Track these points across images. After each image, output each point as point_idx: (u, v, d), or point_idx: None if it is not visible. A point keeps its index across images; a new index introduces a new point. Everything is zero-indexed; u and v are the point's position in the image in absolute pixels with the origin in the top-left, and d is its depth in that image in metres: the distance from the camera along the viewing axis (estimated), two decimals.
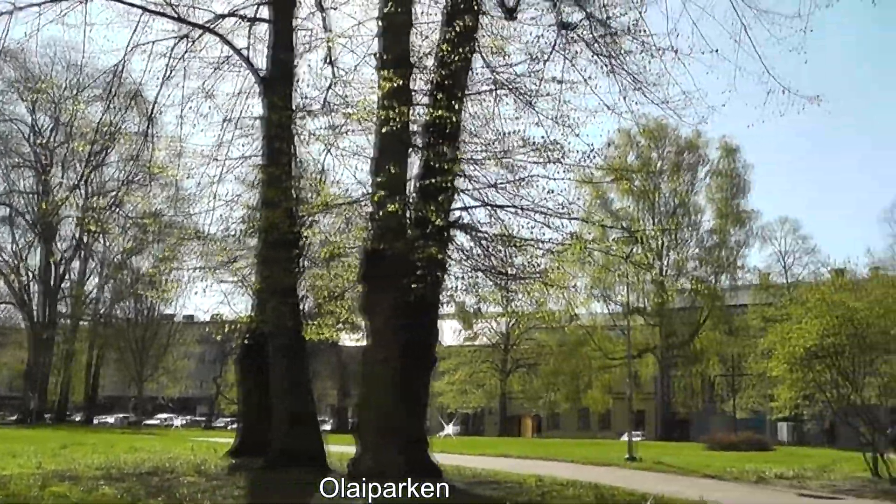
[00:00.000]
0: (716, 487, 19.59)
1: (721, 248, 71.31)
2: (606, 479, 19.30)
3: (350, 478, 15.91)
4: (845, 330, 21.44)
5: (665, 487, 17.96)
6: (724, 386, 76.00)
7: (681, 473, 24.01)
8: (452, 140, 16.42)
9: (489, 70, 17.74)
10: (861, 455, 23.25)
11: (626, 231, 26.41)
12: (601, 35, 17.45)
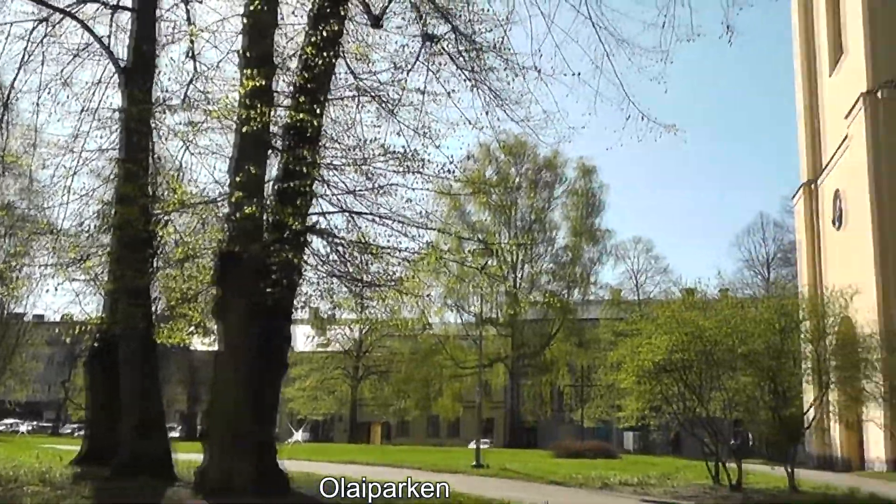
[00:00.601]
0: (561, 493, 19.99)
1: (574, 263, 73.13)
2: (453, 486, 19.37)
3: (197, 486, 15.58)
4: (694, 346, 22.24)
5: (511, 493, 18.18)
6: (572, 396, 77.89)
7: (527, 480, 24.38)
8: (313, 144, 16.20)
9: (353, 76, 17.62)
10: (703, 464, 24.15)
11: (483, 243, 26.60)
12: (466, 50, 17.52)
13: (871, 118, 37.22)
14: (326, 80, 16.71)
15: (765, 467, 26.35)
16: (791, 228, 69.05)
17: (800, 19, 51.14)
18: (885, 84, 37.02)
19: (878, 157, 36.72)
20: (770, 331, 22.34)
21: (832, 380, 23.35)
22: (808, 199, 48.72)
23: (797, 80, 51.54)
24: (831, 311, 23.54)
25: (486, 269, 18.87)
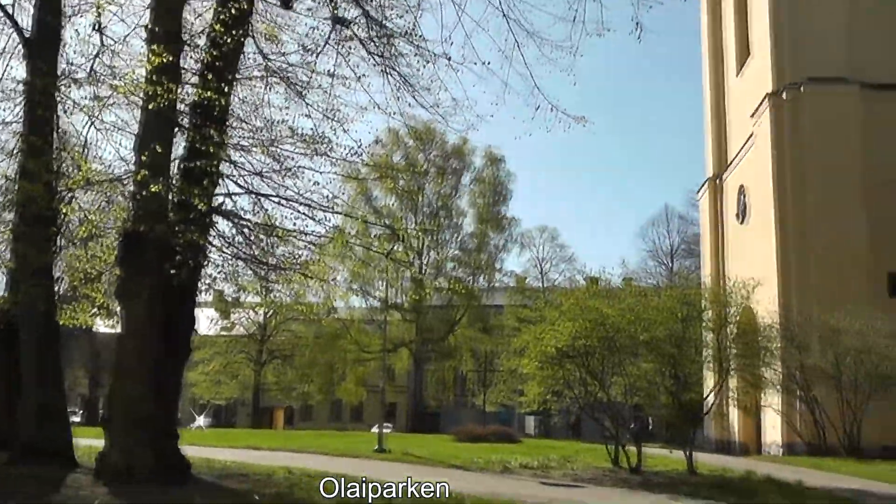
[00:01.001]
0: (461, 477, 20.03)
1: (480, 250, 73.35)
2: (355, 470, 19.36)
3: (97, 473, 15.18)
4: (597, 333, 22.59)
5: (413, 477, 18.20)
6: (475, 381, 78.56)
7: (428, 464, 24.39)
8: (220, 124, 15.88)
9: (262, 56, 17.29)
10: (604, 447, 24.60)
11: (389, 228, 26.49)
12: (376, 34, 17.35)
13: (776, 118, 38.43)
14: (235, 59, 16.40)
15: (664, 451, 26.94)
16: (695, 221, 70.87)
17: (708, 20, 52.47)
18: (790, 86, 38.24)
19: (782, 156, 37.93)
20: (672, 319, 22.83)
21: (732, 367, 24.03)
22: (713, 193, 50.10)
23: (705, 78, 52.91)
24: (733, 301, 24.20)
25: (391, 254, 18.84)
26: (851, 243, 36.13)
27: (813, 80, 37.78)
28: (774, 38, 39.80)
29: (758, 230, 40.56)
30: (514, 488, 17.54)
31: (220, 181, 16.15)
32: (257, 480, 16.82)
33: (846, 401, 31.78)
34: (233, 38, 15.18)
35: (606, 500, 16.22)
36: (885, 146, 37.29)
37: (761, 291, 25.84)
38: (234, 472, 18.25)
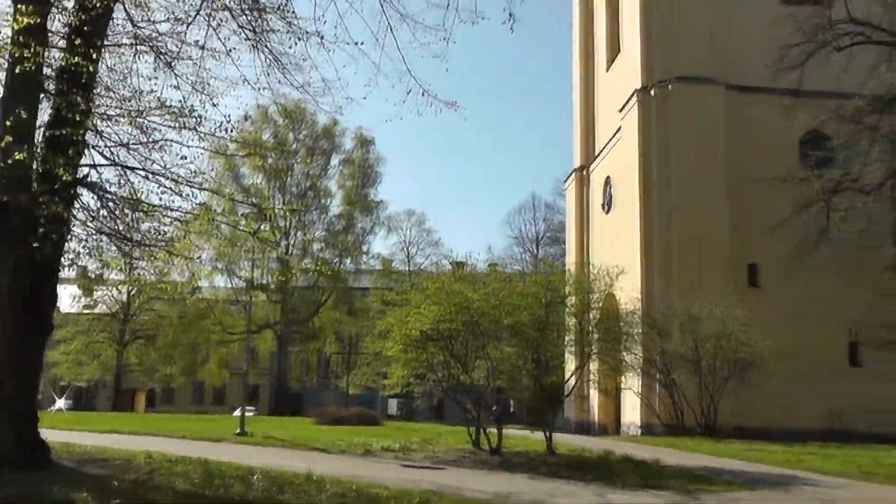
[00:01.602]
0: (323, 460, 20.03)
1: (347, 232, 73.11)
2: (217, 454, 19.14)
3: None
4: (461, 317, 22.81)
5: (274, 461, 18.09)
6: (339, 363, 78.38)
7: (290, 447, 24.26)
8: (87, 91, 15.26)
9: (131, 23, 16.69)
10: (465, 429, 24.95)
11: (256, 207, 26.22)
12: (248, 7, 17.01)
13: (643, 113, 39.68)
14: (103, 24, 15.80)
15: (525, 432, 27.52)
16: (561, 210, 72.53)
17: (580, 15, 53.77)
18: (658, 84, 39.46)
19: (648, 150, 39.19)
20: (536, 304, 23.25)
21: (594, 351, 24.67)
22: (580, 183, 51.36)
23: (575, 71, 54.20)
24: (596, 288, 24.81)
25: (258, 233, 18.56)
26: (713, 235, 37.63)
27: (680, 78, 39.14)
28: (644, 36, 41.09)
29: (622, 220, 41.81)
30: (375, 471, 17.60)
31: (85, 151, 15.64)
32: (118, 466, 16.44)
33: (704, 384, 33.25)
34: (101, 2, 14.69)
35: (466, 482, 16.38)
36: (747, 144, 38.89)
37: (624, 279, 26.61)
38: (95, 458, 17.76)
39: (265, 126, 68.85)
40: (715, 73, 39.42)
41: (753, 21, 39.52)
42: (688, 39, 39.78)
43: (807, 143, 39.24)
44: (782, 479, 18.69)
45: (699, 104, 39.02)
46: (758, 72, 37.00)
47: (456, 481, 16.34)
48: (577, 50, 53.92)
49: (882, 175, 35.20)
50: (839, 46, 35.36)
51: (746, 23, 40.26)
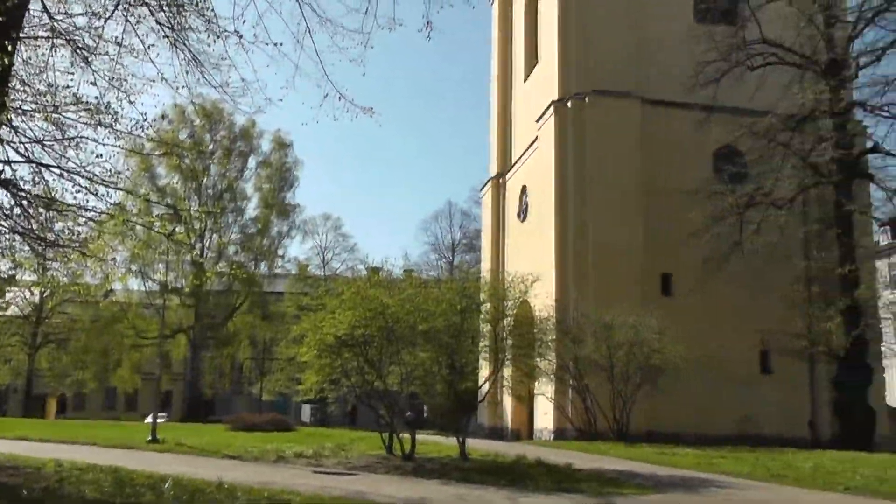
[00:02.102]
0: (235, 467, 19.79)
1: (263, 236, 72.65)
2: (128, 462, 18.80)
3: None
4: (376, 323, 22.77)
5: (185, 469, 17.84)
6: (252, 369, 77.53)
7: (202, 455, 23.91)
8: (2, 85, 14.96)
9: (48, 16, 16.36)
10: (378, 435, 24.89)
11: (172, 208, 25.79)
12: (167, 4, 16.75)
13: (559, 124, 40.07)
14: (20, 15, 15.46)
15: (438, 438, 27.54)
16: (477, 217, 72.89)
17: (499, 26, 54.22)
18: (575, 95, 39.95)
19: (564, 160, 39.61)
20: (451, 311, 23.31)
21: (508, 357, 24.81)
22: (496, 191, 51.75)
23: (493, 81, 54.60)
24: (511, 295, 24.97)
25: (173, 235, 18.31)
26: (628, 245, 38.18)
27: (597, 91, 39.60)
28: (562, 48, 41.54)
29: (538, 229, 42.22)
30: (287, 478, 17.47)
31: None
32: (28, 474, 16.12)
33: (617, 390, 33.75)
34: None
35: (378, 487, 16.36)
36: (661, 158, 39.49)
37: (539, 287, 26.83)
38: (4, 465, 17.38)
39: (182, 126, 68.11)
40: (631, 86, 40.02)
41: (669, 37, 40.24)
42: (605, 53, 40.36)
43: (721, 157, 40.00)
44: (694, 482, 19.00)
45: (615, 117, 39.55)
46: (673, 87, 37.77)
47: (368, 487, 16.30)
48: (496, 59, 54.37)
49: (794, 190, 36.22)
50: (753, 66, 36.42)
51: (662, 39, 40.94)
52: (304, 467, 20.73)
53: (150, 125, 15.87)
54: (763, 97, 35.40)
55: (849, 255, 34.49)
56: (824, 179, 36.01)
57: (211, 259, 68.41)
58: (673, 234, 37.31)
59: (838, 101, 34.62)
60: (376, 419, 25.34)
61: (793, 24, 36.03)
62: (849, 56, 35.67)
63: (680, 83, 36.34)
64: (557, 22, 41.89)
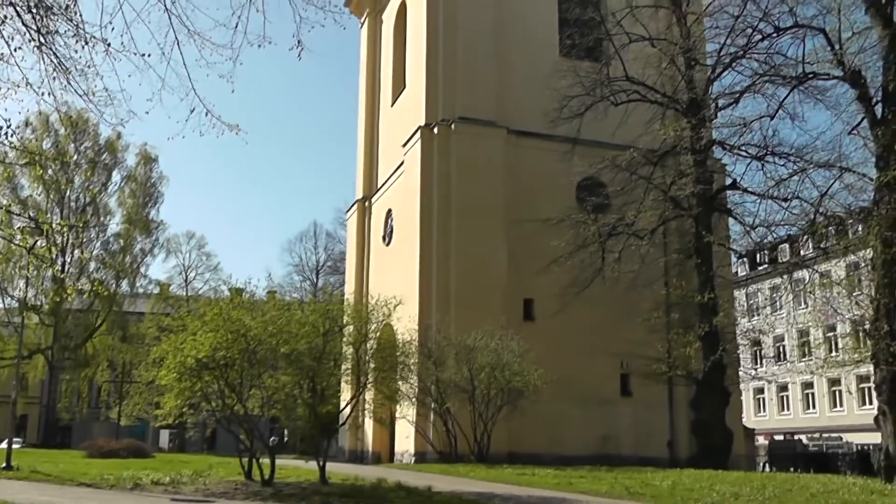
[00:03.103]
0: (91, 495, 19.29)
1: (125, 253, 70.54)
2: None
3: None
4: (238, 345, 22.47)
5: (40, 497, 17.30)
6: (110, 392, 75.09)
7: (58, 482, 23.13)
8: None
9: None
10: (238, 460, 24.52)
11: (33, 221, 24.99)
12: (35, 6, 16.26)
13: (425, 150, 40.43)
14: None
15: (299, 462, 27.31)
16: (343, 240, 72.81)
17: (368, 50, 54.61)
18: (441, 122, 40.45)
19: (429, 185, 39.95)
20: (314, 333, 23.22)
21: (370, 381, 24.85)
22: (362, 214, 51.82)
23: (361, 104, 54.88)
24: (374, 318, 25.04)
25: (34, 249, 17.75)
26: (491, 270, 38.70)
27: (463, 119, 40.22)
28: (428, 75, 42.00)
29: (402, 252, 42.48)
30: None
31: None
32: None
33: (478, 413, 34.09)
34: None
35: None
36: (525, 186, 40.26)
37: (402, 310, 26.97)
38: None
39: (46, 134, 66.01)
40: (497, 116, 40.83)
41: (535, 70, 41.21)
42: (471, 82, 41.08)
43: (584, 188, 41.01)
44: (552, 502, 19.45)
45: (480, 145, 40.24)
46: (539, 119, 38.72)
47: None
48: (364, 83, 54.70)
49: (655, 222, 37.40)
50: (616, 102, 37.65)
51: (528, 71, 41.92)
52: (162, 495, 20.25)
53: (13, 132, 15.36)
54: (626, 132, 36.67)
55: (707, 284, 35.78)
56: (685, 212, 37.34)
57: (72, 275, 66.15)
58: (536, 261, 37.96)
59: (698, 138, 35.91)
60: (236, 444, 25.00)
61: (655, 64, 37.48)
62: (708, 97, 37.15)
63: (545, 115, 37.33)
64: (425, 49, 42.39)
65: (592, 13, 40.67)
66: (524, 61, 42.44)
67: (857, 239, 29.83)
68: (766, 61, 32.61)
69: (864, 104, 26.61)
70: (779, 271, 40.02)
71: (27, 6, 15.99)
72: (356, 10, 55.84)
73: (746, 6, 32.62)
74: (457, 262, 38.72)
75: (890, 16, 26.37)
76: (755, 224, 35.49)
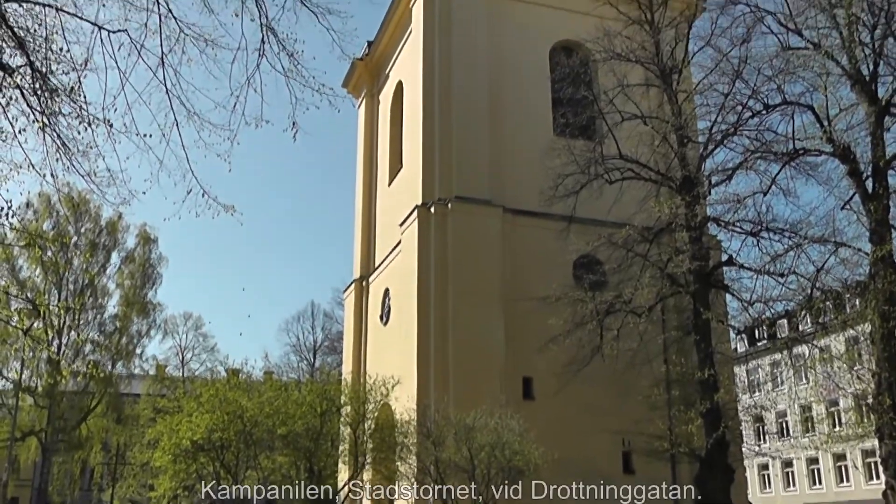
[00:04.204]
0: None
1: (122, 334, 70.20)
2: None
3: None
4: (234, 426, 22.42)
5: None
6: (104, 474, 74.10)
7: None
8: None
9: None
10: None
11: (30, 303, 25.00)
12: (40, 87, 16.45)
13: (422, 229, 40.56)
14: None
15: None
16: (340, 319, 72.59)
17: (365, 130, 55.32)
18: (438, 201, 40.67)
19: (426, 264, 39.98)
20: (311, 414, 23.19)
21: (368, 461, 24.64)
22: (359, 294, 51.77)
23: (358, 183, 55.34)
24: (372, 398, 24.98)
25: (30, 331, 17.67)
26: (489, 349, 38.47)
27: (459, 198, 40.40)
28: (424, 155, 42.36)
29: (399, 332, 42.29)
30: None
31: None
32: None
33: (478, 492, 33.60)
34: None
35: None
36: (522, 264, 40.27)
37: (400, 390, 26.89)
38: None
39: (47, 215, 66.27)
40: (493, 195, 41.06)
41: (530, 149, 41.63)
42: (467, 161, 41.41)
43: (581, 265, 40.92)
44: None
45: (477, 224, 40.35)
46: (534, 197, 38.89)
47: None
48: (361, 162, 55.24)
49: (652, 299, 37.26)
50: (611, 180, 37.82)
51: (523, 150, 42.37)
52: None
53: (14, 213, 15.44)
54: (621, 209, 36.81)
55: (707, 360, 35.51)
56: (682, 289, 37.22)
57: (68, 357, 65.77)
58: (534, 339, 37.78)
59: (693, 215, 35.94)
60: None
61: (648, 142, 37.78)
62: (702, 174, 37.30)
63: (540, 193, 37.49)
64: (421, 129, 42.86)
65: (585, 92, 41.05)
66: (519, 140, 42.91)
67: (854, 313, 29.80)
68: (756, 138, 32.96)
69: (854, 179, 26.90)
70: (778, 347, 39.74)
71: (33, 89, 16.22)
72: (354, 91, 56.69)
73: (735, 84, 33.06)
74: (455, 341, 38.52)
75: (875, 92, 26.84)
76: (752, 300, 35.32)
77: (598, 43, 38.79)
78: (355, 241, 54.19)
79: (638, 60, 38.28)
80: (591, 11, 40.56)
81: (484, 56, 43.86)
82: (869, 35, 27.64)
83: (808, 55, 29.25)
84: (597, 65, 41.27)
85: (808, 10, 29.05)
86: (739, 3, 32.68)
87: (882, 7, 27.24)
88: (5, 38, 15.82)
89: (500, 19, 45.13)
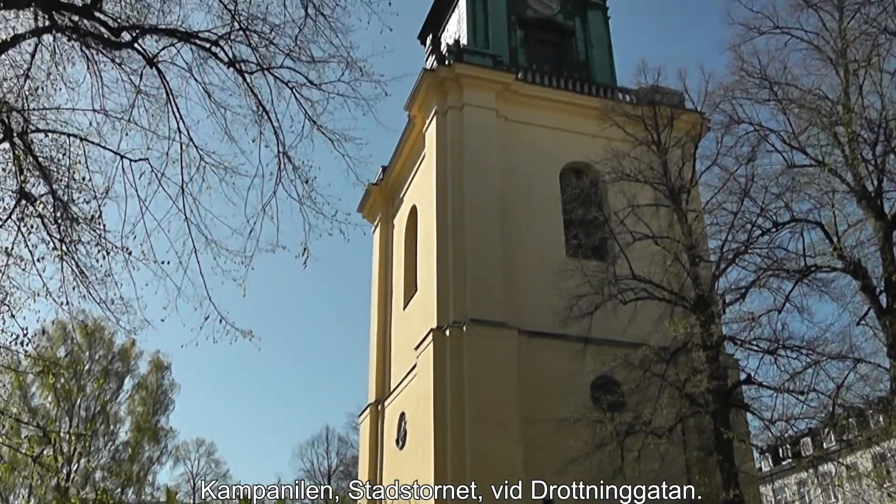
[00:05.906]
0: None
1: (133, 461, 69.55)
2: None
3: None
4: None
5: None
6: None
7: None
8: None
9: None
10: None
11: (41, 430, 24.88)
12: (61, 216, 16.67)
13: (438, 352, 40.38)
14: None
15: None
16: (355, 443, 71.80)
17: (380, 254, 55.81)
18: (453, 324, 40.68)
19: (442, 388, 39.67)
20: None
21: None
22: (374, 418, 51.35)
23: (373, 308, 55.49)
24: None
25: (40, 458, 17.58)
26: (507, 472, 37.67)
27: (474, 321, 40.35)
28: (439, 278, 42.56)
29: (416, 455, 41.78)
30: None
31: None
32: None
33: None
34: None
35: None
36: (539, 386, 39.92)
37: None
38: None
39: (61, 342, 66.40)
40: (508, 317, 41.00)
41: (543, 271, 41.69)
42: (481, 284, 41.52)
43: (598, 386, 40.53)
44: None
45: (492, 346, 40.16)
46: (549, 318, 38.84)
47: None
48: (376, 287, 55.46)
49: (672, 419, 36.82)
50: (624, 300, 37.86)
51: (536, 272, 42.53)
52: None
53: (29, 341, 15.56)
54: (636, 329, 36.76)
55: (732, 480, 34.89)
56: (701, 409, 36.81)
57: (77, 484, 65.00)
58: (553, 461, 37.16)
59: (709, 335, 35.79)
60: None
61: (660, 261, 38.04)
62: (715, 293, 37.34)
63: (555, 314, 37.48)
64: (435, 252, 43.20)
65: (596, 213, 41.46)
66: (533, 262, 43.18)
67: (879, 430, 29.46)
68: (768, 255, 33.17)
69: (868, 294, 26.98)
70: (803, 465, 39.13)
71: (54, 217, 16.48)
72: (369, 216, 57.48)
73: (743, 202, 33.46)
74: (472, 465, 37.90)
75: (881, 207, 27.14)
76: (774, 418, 34.92)
77: (607, 164, 39.50)
78: (370, 365, 54.05)
79: (647, 181, 38.89)
80: (599, 133, 41.29)
81: (496, 179, 44.55)
82: (871, 151, 28.10)
83: (814, 172, 29.73)
84: (606, 185, 41.79)
85: (811, 129, 29.68)
86: (743, 122, 33.37)
87: (880, 124, 27.78)
88: (30, 167, 16.17)
89: (510, 143, 46.01)
